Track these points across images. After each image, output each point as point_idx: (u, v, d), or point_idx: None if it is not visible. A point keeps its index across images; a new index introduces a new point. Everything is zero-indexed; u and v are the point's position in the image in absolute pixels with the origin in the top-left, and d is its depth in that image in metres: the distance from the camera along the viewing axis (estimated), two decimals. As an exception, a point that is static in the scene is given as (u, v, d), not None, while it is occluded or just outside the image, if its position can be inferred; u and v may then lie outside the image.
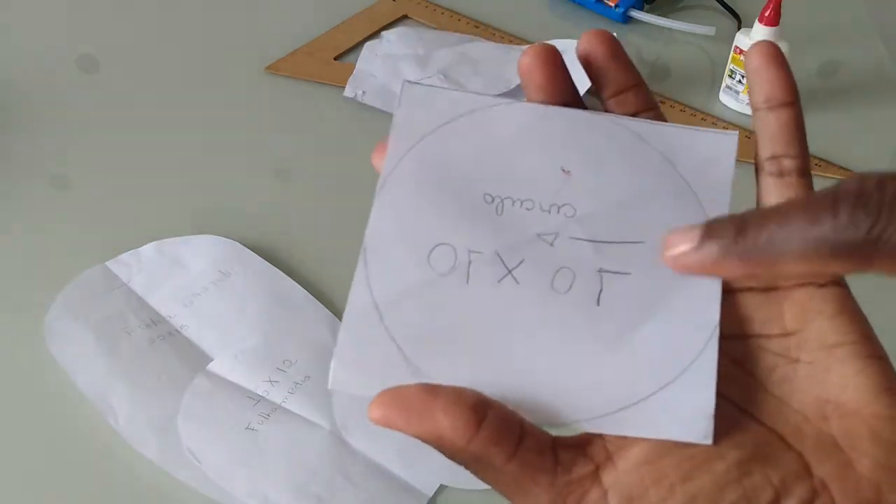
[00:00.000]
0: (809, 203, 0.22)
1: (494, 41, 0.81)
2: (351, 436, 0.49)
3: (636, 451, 0.25)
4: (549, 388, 0.25)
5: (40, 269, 0.58)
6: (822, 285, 0.26)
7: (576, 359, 0.25)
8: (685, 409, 0.25)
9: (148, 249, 0.59)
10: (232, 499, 0.47)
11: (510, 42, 0.81)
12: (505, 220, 0.26)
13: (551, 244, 0.25)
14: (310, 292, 0.57)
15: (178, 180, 0.66)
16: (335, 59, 0.78)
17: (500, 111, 0.28)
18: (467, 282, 0.25)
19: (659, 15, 0.85)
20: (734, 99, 0.75)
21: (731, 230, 0.24)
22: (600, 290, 0.25)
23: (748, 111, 0.75)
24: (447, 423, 0.23)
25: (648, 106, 0.30)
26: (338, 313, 0.56)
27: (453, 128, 0.28)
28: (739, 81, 0.74)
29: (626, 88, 0.29)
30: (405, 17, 0.85)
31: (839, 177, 0.68)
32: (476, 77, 0.74)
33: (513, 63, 0.75)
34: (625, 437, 0.25)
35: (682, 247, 0.24)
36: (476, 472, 0.25)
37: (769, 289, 0.27)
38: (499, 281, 0.25)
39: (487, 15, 0.85)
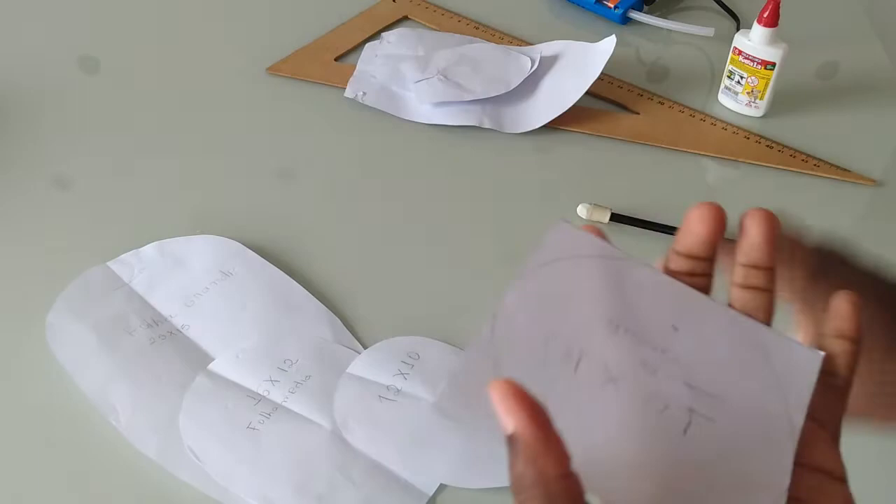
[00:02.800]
0: None
1: (494, 42, 0.81)
2: (351, 435, 0.49)
3: None
4: (625, 483, 0.27)
5: (42, 269, 0.58)
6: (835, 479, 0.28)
7: (656, 470, 0.28)
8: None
9: (149, 249, 0.59)
10: (233, 498, 0.47)
11: (510, 43, 0.81)
12: (619, 340, 0.29)
13: (653, 373, 0.28)
14: (310, 292, 0.57)
15: (180, 180, 0.66)
16: (336, 60, 0.78)
17: (638, 269, 0.31)
18: (575, 372, 0.28)
19: (658, 16, 0.85)
20: (733, 100, 0.75)
21: None
22: (688, 424, 0.27)
23: (746, 111, 0.75)
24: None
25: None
26: (338, 313, 0.56)
27: (597, 260, 0.31)
28: (738, 82, 0.74)
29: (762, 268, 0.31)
30: (405, 18, 0.85)
31: (838, 177, 0.68)
32: (476, 78, 0.74)
33: (513, 64, 0.75)
34: None
35: None
36: None
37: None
38: (602, 384, 0.28)
39: (487, 16, 0.85)
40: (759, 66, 0.72)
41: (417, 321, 0.56)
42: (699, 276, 0.30)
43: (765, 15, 0.70)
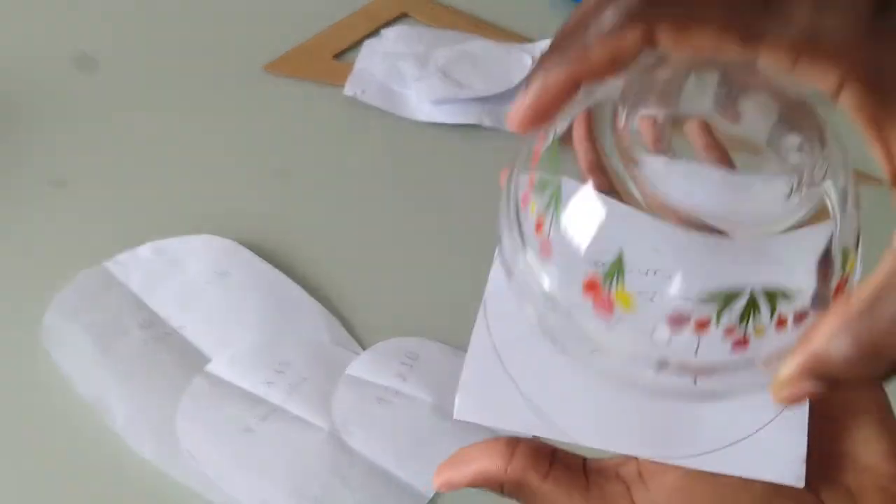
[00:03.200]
0: None
1: (495, 40, 0.80)
2: (349, 437, 0.49)
3: (669, 477, 0.27)
4: (647, 429, 0.28)
5: (37, 269, 0.58)
6: None
7: (674, 406, 0.27)
8: (778, 452, 0.27)
9: (145, 249, 0.58)
10: (230, 500, 0.46)
11: (510, 40, 0.81)
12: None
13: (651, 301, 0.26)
14: (308, 292, 0.57)
15: (176, 180, 0.66)
16: (334, 57, 0.78)
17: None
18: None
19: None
20: (735, 97, 0.74)
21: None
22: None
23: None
24: (485, 460, 0.28)
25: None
26: (336, 313, 0.56)
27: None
28: (741, 80, 0.73)
29: None
30: (405, 15, 0.85)
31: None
32: (476, 75, 0.73)
33: (514, 62, 0.75)
34: (657, 462, 0.28)
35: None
36: (520, 499, 0.28)
37: None
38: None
39: (488, 13, 0.85)
40: (762, 64, 0.71)
41: (416, 322, 0.56)
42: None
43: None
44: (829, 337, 0.23)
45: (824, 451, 0.28)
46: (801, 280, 0.25)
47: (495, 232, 0.31)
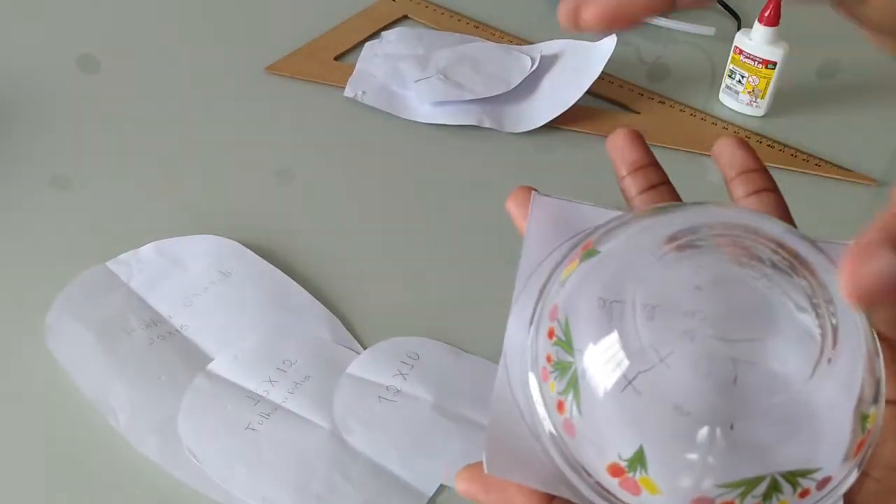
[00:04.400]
0: None
1: (495, 41, 0.81)
2: (351, 436, 0.49)
3: None
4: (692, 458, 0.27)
5: (40, 269, 0.58)
6: None
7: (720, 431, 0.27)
8: None
9: (148, 249, 0.59)
10: (232, 499, 0.47)
11: (510, 42, 0.81)
12: (651, 321, 0.27)
13: (692, 340, 0.26)
14: (310, 292, 0.57)
15: (178, 180, 0.66)
16: (335, 59, 0.78)
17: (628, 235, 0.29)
18: (609, 399, 0.27)
19: (659, 15, 0.84)
20: (734, 99, 0.75)
21: None
22: (735, 376, 0.26)
23: (747, 111, 0.75)
24: (520, 500, 0.27)
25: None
26: (337, 313, 0.56)
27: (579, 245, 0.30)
28: (739, 82, 0.74)
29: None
30: (405, 17, 0.85)
31: (840, 177, 0.68)
32: (476, 77, 0.73)
33: (513, 63, 0.75)
34: None
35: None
36: None
37: None
38: (651, 368, 0.26)
39: (488, 15, 0.85)
40: (761, 66, 0.72)
41: (417, 321, 0.56)
42: (658, 186, 0.31)
43: (766, 14, 0.70)
44: None
45: None
46: (821, 452, 0.26)
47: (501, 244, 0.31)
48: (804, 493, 0.26)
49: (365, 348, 0.54)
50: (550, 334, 0.28)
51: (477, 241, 0.62)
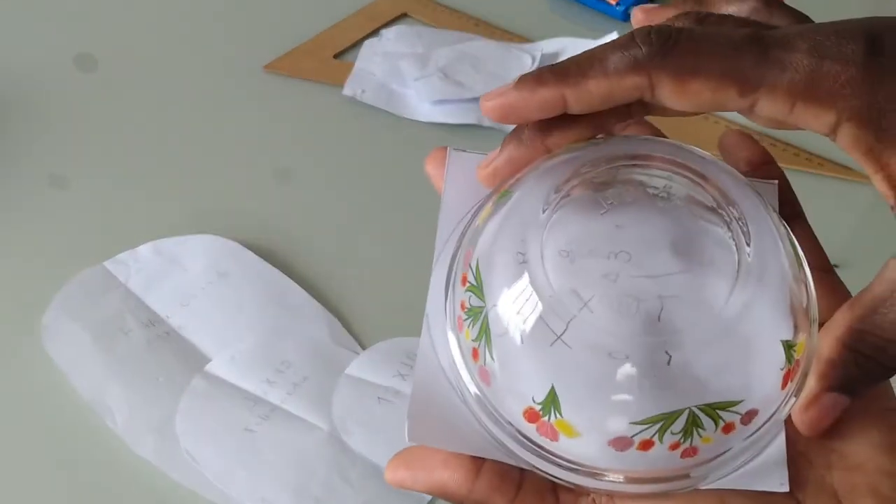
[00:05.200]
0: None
1: (494, 39, 0.80)
2: (349, 437, 0.49)
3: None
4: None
5: (37, 269, 0.58)
6: None
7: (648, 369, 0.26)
8: (761, 460, 0.26)
9: (145, 249, 0.58)
10: (230, 500, 0.46)
11: (510, 40, 0.81)
12: (573, 266, 0.26)
13: (615, 281, 0.26)
14: (308, 292, 0.57)
15: (176, 180, 0.66)
16: (334, 57, 0.78)
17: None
18: (521, 342, 0.26)
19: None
20: (735, 97, 0.74)
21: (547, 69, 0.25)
22: (661, 310, 0.25)
23: (749, 110, 0.74)
24: (447, 474, 0.26)
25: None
26: (336, 313, 0.56)
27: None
28: (741, 80, 0.73)
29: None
30: (404, 15, 0.84)
31: (840, 175, 0.68)
32: (476, 76, 0.73)
33: (513, 61, 0.75)
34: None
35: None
36: None
37: None
38: (572, 318, 0.25)
39: (487, 13, 0.85)
40: (762, 64, 0.71)
41: (417, 322, 0.55)
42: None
43: (767, 12, 0.69)
44: (839, 346, 0.24)
45: (804, 451, 0.26)
46: (744, 384, 0.25)
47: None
48: (728, 428, 0.25)
49: (364, 349, 0.54)
50: (464, 281, 0.27)
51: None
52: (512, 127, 0.29)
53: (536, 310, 0.25)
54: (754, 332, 0.25)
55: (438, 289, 0.29)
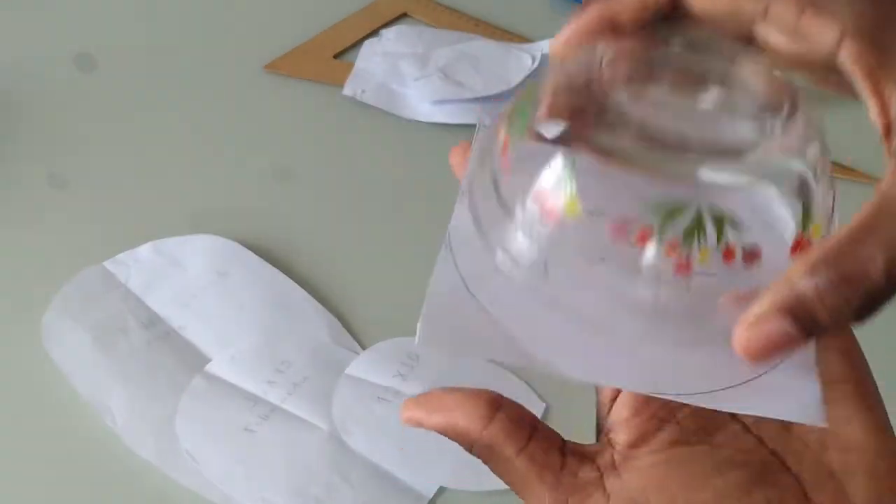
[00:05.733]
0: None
1: (495, 39, 0.80)
2: (350, 437, 0.49)
3: (642, 462, 0.26)
4: (643, 366, 0.25)
5: (37, 269, 0.58)
6: None
7: (672, 340, 0.26)
8: (792, 392, 0.25)
9: (145, 249, 0.58)
10: (230, 500, 0.46)
11: (511, 40, 0.81)
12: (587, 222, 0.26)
13: (633, 245, 0.25)
14: (309, 293, 0.57)
15: (176, 180, 0.66)
16: (334, 57, 0.78)
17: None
18: (547, 274, 0.26)
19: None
20: (735, 97, 0.74)
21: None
22: (690, 279, 0.24)
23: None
24: (462, 414, 0.27)
25: None
26: (336, 313, 0.56)
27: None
28: (741, 80, 0.73)
29: None
30: (405, 15, 0.84)
31: (843, 176, 0.68)
32: (476, 76, 0.73)
33: (513, 61, 0.75)
34: (632, 449, 0.26)
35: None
36: (489, 464, 0.27)
37: None
38: (591, 266, 0.25)
39: (488, 13, 0.85)
40: (762, 64, 0.71)
41: (416, 322, 0.56)
42: None
43: (767, 12, 0.69)
44: (805, 271, 0.23)
45: (802, 427, 0.26)
46: (755, 223, 0.24)
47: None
48: (728, 254, 0.24)
49: (364, 349, 0.54)
50: (503, 116, 0.28)
51: (477, 240, 0.62)
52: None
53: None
54: (781, 177, 0.25)
55: (464, 214, 0.29)
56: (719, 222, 0.24)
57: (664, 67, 0.27)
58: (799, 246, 0.25)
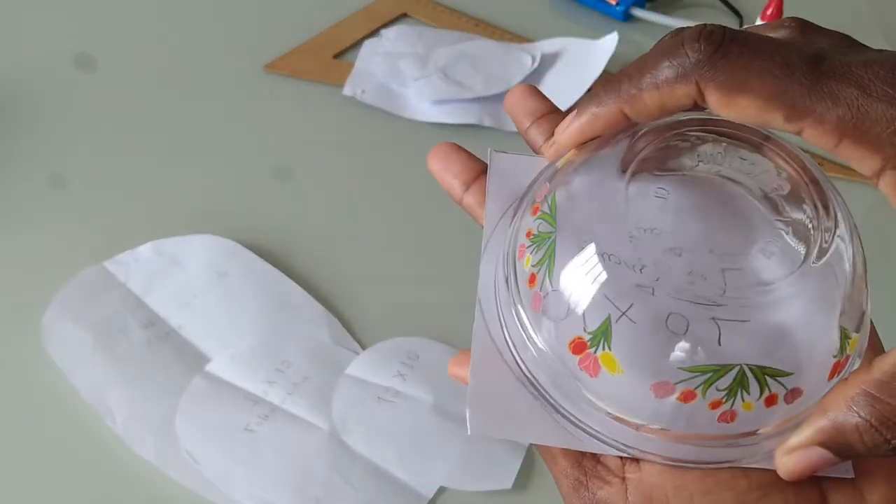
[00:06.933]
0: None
1: (494, 39, 0.80)
2: (350, 437, 0.49)
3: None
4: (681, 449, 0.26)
5: (37, 269, 0.57)
6: None
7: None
8: None
9: (145, 249, 0.58)
10: (230, 500, 0.46)
11: (510, 40, 0.81)
12: (610, 270, 0.26)
13: (653, 294, 0.25)
14: (308, 292, 0.57)
15: (176, 179, 0.66)
16: (334, 57, 0.78)
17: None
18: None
19: (660, 13, 0.84)
20: (736, 97, 0.74)
21: None
22: (719, 334, 0.25)
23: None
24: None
25: None
26: (336, 313, 0.56)
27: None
28: (741, 79, 0.73)
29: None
30: (405, 15, 0.84)
31: (844, 176, 0.68)
32: (476, 75, 0.73)
33: (513, 62, 0.75)
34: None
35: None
36: None
37: None
38: (616, 321, 0.25)
39: (487, 13, 0.85)
40: (762, 64, 0.71)
41: (416, 322, 0.56)
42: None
43: (768, 12, 0.69)
44: (846, 405, 0.24)
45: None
46: (796, 359, 0.25)
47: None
48: (771, 400, 0.25)
49: (364, 349, 0.54)
50: (535, 211, 0.27)
51: (477, 240, 0.62)
52: (512, 128, 0.29)
53: (603, 236, 0.25)
54: (815, 311, 0.25)
55: (489, 271, 0.29)
56: (761, 377, 0.25)
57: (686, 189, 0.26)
58: (837, 368, 0.25)
